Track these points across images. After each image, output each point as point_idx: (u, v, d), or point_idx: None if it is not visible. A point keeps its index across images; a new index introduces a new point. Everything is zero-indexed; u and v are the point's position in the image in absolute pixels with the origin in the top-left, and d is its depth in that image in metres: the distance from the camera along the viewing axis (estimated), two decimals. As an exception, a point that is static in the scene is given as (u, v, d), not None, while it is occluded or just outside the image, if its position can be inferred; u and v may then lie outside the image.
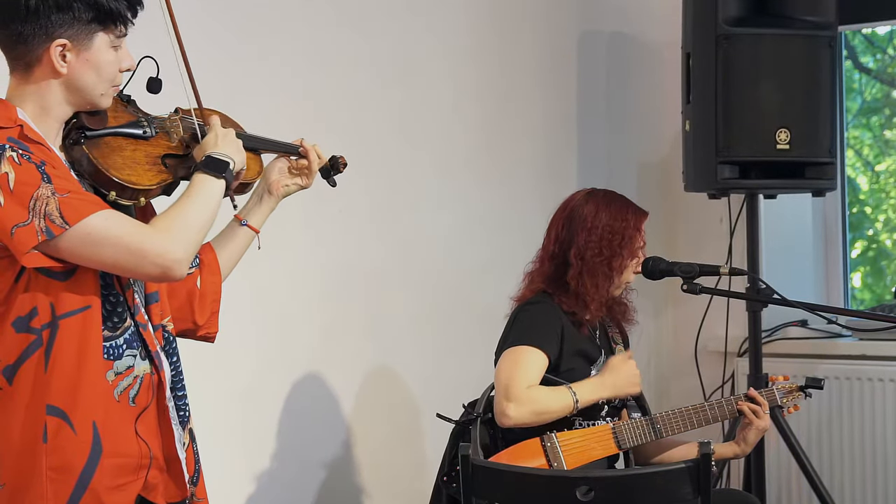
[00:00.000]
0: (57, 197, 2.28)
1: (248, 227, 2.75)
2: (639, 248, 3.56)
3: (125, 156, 2.45)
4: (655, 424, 3.47)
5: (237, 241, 2.75)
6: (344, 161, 2.86)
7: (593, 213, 3.52)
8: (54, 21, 2.36)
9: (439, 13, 4.45)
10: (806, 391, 3.62)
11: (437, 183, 4.42)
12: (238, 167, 2.54)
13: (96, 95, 2.43)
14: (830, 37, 4.28)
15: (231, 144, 2.54)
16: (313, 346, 4.06)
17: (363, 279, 4.19)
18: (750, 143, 4.25)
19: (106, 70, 2.42)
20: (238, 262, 2.77)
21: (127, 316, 2.43)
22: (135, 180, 2.43)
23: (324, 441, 4.12)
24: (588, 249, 3.49)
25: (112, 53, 2.42)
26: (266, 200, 2.77)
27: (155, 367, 2.46)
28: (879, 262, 5.23)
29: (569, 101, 4.89)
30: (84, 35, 2.38)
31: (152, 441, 2.44)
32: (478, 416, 3.42)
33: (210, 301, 2.69)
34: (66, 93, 2.41)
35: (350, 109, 4.15)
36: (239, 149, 2.56)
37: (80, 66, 2.39)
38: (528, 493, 2.97)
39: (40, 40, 2.37)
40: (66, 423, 2.32)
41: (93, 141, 2.43)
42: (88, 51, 2.39)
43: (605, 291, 3.52)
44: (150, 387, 2.45)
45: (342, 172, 2.87)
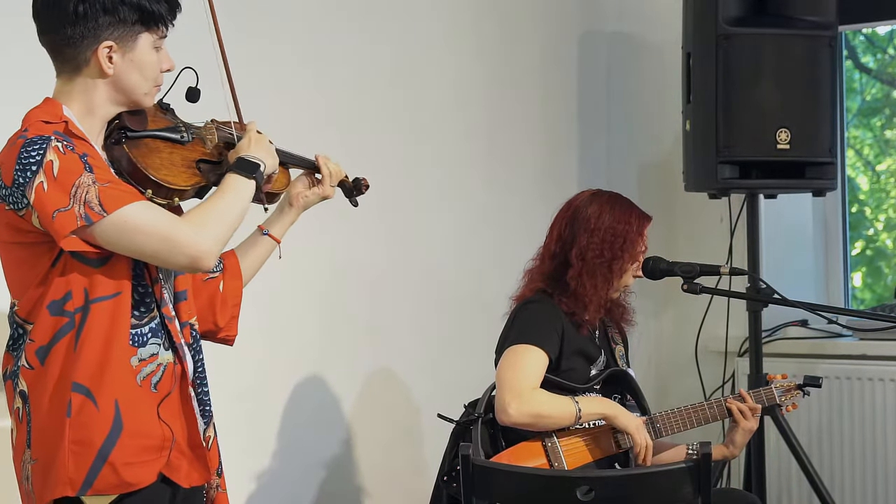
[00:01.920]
0: (98, 186, 2.39)
1: (270, 237, 2.87)
2: (640, 253, 3.54)
3: (163, 157, 2.56)
4: (655, 424, 3.47)
5: (259, 250, 2.88)
6: (366, 183, 3.00)
7: (597, 215, 3.51)
8: (101, 24, 2.48)
9: (440, 13, 4.45)
10: (804, 389, 3.62)
11: (438, 182, 4.43)
12: (269, 170, 2.66)
13: (140, 95, 2.55)
14: (830, 37, 4.28)
15: (264, 149, 2.66)
16: (314, 346, 4.06)
17: (364, 278, 4.19)
18: (750, 143, 4.25)
19: (149, 70, 2.54)
20: (258, 269, 2.90)
21: (154, 307, 2.53)
22: (171, 180, 2.54)
23: (324, 440, 4.12)
24: (589, 250, 3.48)
25: (154, 54, 2.54)
26: (287, 212, 2.89)
27: (178, 357, 2.55)
28: (877, 262, 5.23)
29: (569, 101, 4.89)
30: (129, 36, 2.50)
31: (175, 426, 2.53)
32: (478, 417, 3.41)
33: (231, 305, 2.81)
34: (112, 92, 2.53)
35: (351, 109, 4.15)
36: (271, 153, 2.67)
37: (125, 67, 2.51)
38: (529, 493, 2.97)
39: (89, 43, 2.49)
40: (89, 400, 2.43)
41: (133, 141, 2.54)
42: (133, 52, 2.51)
43: (604, 293, 3.51)
44: (173, 376, 2.54)
45: (364, 194, 3.01)
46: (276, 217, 2.89)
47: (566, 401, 3.38)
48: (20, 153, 2.40)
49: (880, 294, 5.15)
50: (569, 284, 3.50)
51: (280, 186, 2.80)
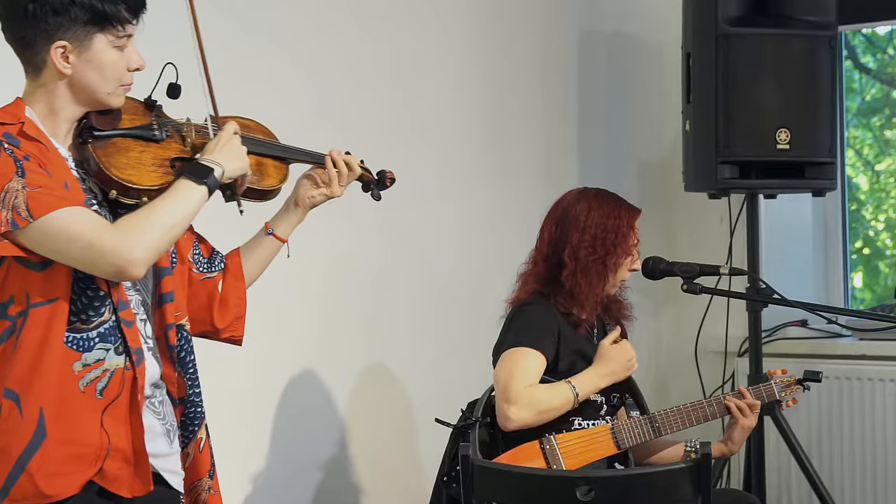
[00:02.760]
0: (27, 191, 2.34)
1: (275, 237, 2.82)
2: (633, 246, 3.55)
3: (130, 156, 2.50)
4: (654, 423, 3.46)
5: (263, 249, 2.82)
6: (392, 176, 2.94)
7: (586, 212, 3.52)
8: (52, 24, 2.43)
9: (440, 13, 4.45)
10: (804, 384, 3.62)
11: (438, 182, 4.42)
12: (232, 174, 2.57)
13: (103, 95, 2.49)
14: (830, 37, 4.28)
15: (230, 151, 2.57)
16: (312, 345, 4.06)
17: (363, 277, 4.19)
18: (750, 143, 4.25)
19: (109, 70, 2.48)
20: (264, 269, 2.84)
21: (105, 311, 2.46)
22: (135, 180, 2.48)
23: (322, 440, 4.12)
24: (582, 248, 3.49)
25: (114, 53, 2.48)
26: (293, 211, 2.84)
27: (131, 362, 2.48)
28: (874, 261, 5.23)
29: (569, 101, 4.89)
30: (83, 37, 2.45)
31: (119, 434, 2.46)
32: (476, 421, 3.41)
33: (233, 306, 2.76)
34: (72, 93, 2.48)
35: (351, 108, 4.15)
36: (237, 156, 2.58)
37: (82, 67, 2.46)
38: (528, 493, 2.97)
39: (42, 43, 2.44)
40: (16, 407, 2.39)
41: (99, 141, 2.49)
42: (89, 52, 2.46)
43: (600, 290, 3.51)
44: (122, 381, 2.47)
45: (389, 187, 2.94)
46: (281, 216, 2.83)
47: (562, 388, 3.40)
48: None
49: (880, 294, 5.15)
50: (564, 284, 3.50)
51: (272, 183, 2.72)
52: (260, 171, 2.70)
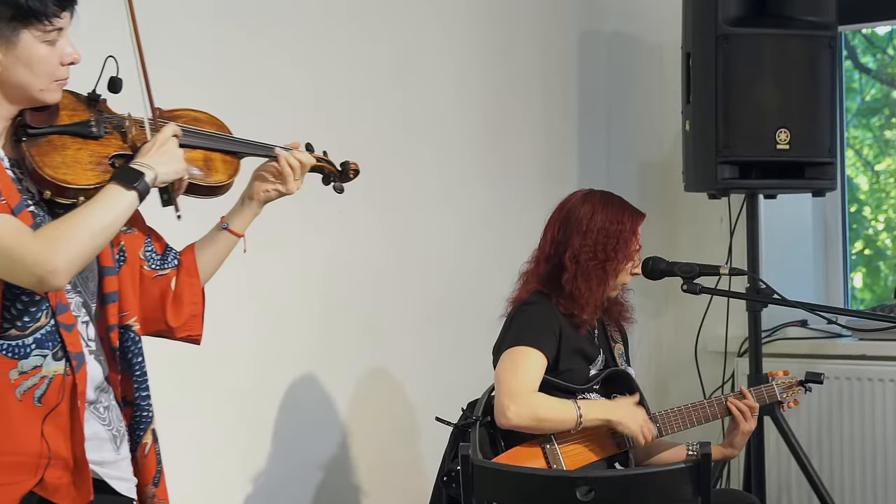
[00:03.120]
0: None
1: (230, 232, 2.71)
2: (635, 252, 3.53)
3: (66, 155, 2.42)
4: (655, 423, 3.46)
5: (219, 245, 2.72)
6: (356, 167, 2.83)
7: (589, 216, 3.51)
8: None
9: (440, 14, 4.45)
10: (806, 385, 3.62)
11: (438, 182, 4.42)
12: (166, 177, 2.46)
13: (35, 91, 2.41)
14: (830, 37, 4.28)
15: (164, 155, 2.47)
16: (312, 346, 4.06)
17: (363, 279, 4.19)
18: (750, 143, 4.25)
19: (39, 66, 2.39)
20: (220, 265, 2.74)
21: (42, 316, 2.39)
22: (70, 180, 2.40)
23: (322, 441, 4.12)
24: (583, 253, 3.48)
25: (44, 48, 2.40)
26: (248, 205, 2.73)
27: (71, 368, 2.41)
28: (875, 262, 5.23)
29: (569, 101, 4.89)
30: (8, 33, 2.37)
31: (59, 442, 2.40)
32: (477, 420, 3.40)
33: (188, 303, 2.66)
34: (3, 92, 2.40)
35: (351, 109, 4.15)
36: (172, 160, 2.48)
37: (11, 65, 2.38)
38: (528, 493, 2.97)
39: None
40: None
41: (34, 139, 2.41)
42: (17, 48, 2.38)
43: (600, 294, 3.50)
44: (61, 388, 2.40)
45: (353, 179, 2.83)
46: (236, 210, 2.72)
47: (567, 404, 3.37)
48: None
49: (880, 294, 5.15)
50: (564, 287, 3.49)
51: (221, 179, 2.61)
52: (207, 166, 2.60)
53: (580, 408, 3.37)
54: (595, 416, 3.38)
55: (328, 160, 2.82)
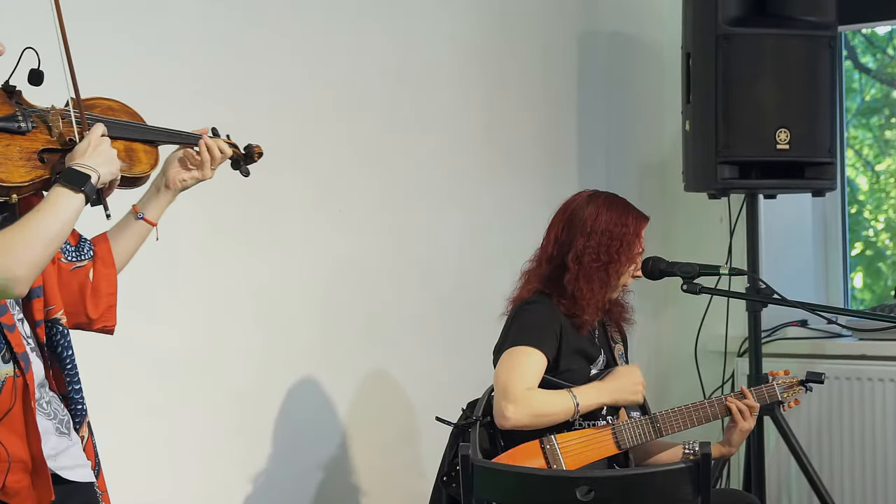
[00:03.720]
0: None
1: (145, 221, 2.67)
2: (637, 254, 3.54)
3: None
4: (655, 423, 3.46)
5: (133, 234, 2.68)
6: (259, 150, 2.78)
7: (593, 217, 3.50)
8: None
9: (440, 13, 4.45)
10: (806, 385, 3.62)
11: (437, 182, 4.42)
12: (107, 178, 2.41)
13: None
14: (830, 37, 4.28)
15: (101, 155, 2.41)
16: (313, 346, 4.06)
17: (364, 279, 4.19)
18: (750, 143, 4.24)
19: None
20: (134, 254, 2.70)
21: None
22: (4, 178, 2.32)
23: (323, 441, 4.12)
24: (586, 254, 3.48)
25: None
26: (163, 193, 2.68)
27: (20, 369, 2.37)
28: (876, 262, 5.23)
29: (569, 101, 4.89)
30: None
31: (16, 445, 2.37)
32: (476, 420, 3.40)
33: (105, 294, 2.62)
34: None
35: (351, 109, 4.15)
36: (109, 160, 2.42)
37: None
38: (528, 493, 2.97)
39: None
40: None
41: None
42: None
43: (602, 296, 3.50)
44: (13, 390, 2.36)
45: (256, 162, 2.78)
46: (151, 198, 2.68)
47: (563, 395, 3.38)
48: None
49: (880, 294, 5.14)
50: (566, 288, 3.49)
51: (144, 169, 2.55)
52: (130, 158, 2.54)
53: (576, 396, 3.38)
54: (591, 401, 3.40)
55: (235, 144, 2.77)
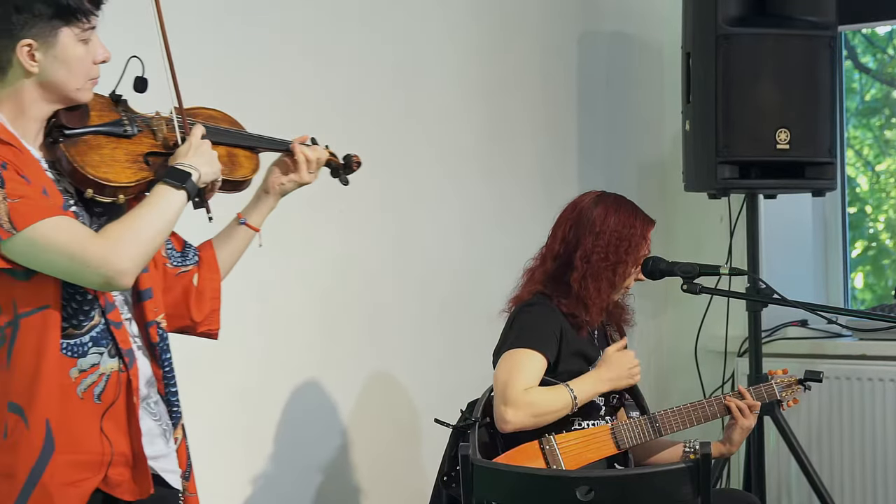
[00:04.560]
0: (8, 202, 2.31)
1: (247, 226, 2.77)
2: (643, 257, 3.55)
3: (103, 154, 2.46)
4: (655, 423, 3.46)
5: (236, 240, 2.78)
6: (358, 160, 2.92)
7: (602, 218, 3.51)
8: (16, 22, 2.38)
9: (440, 13, 4.45)
10: (805, 384, 3.62)
11: (437, 182, 4.42)
12: (207, 178, 2.53)
13: (71, 90, 2.45)
14: (830, 37, 4.28)
15: (203, 156, 2.52)
16: (314, 345, 4.06)
17: (365, 278, 4.19)
18: (750, 143, 4.25)
19: (76, 65, 2.43)
20: (237, 260, 2.80)
21: (95, 314, 2.44)
22: (111, 178, 2.44)
23: (323, 442, 4.12)
24: (594, 253, 3.48)
25: (81, 48, 2.43)
26: (264, 199, 2.80)
27: (125, 364, 2.46)
28: (877, 262, 5.23)
29: (569, 101, 4.89)
30: (48, 32, 2.40)
31: (119, 438, 2.45)
32: (476, 421, 3.40)
33: (209, 298, 2.72)
34: (41, 91, 2.43)
35: (351, 108, 4.15)
36: (210, 161, 2.54)
37: (50, 64, 2.41)
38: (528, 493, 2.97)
39: (6, 43, 2.40)
40: (21, 420, 2.36)
41: (71, 140, 2.45)
42: (55, 48, 2.41)
43: (606, 296, 3.51)
44: (118, 384, 2.45)
45: (355, 171, 2.92)
46: (253, 205, 2.79)
47: (560, 391, 3.39)
48: None
49: (881, 294, 5.15)
50: (571, 287, 3.49)
51: (245, 174, 2.69)
52: (232, 162, 2.67)
53: (573, 390, 3.39)
54: (588, 393, 3.41)
55: (333, 153, 2.91)
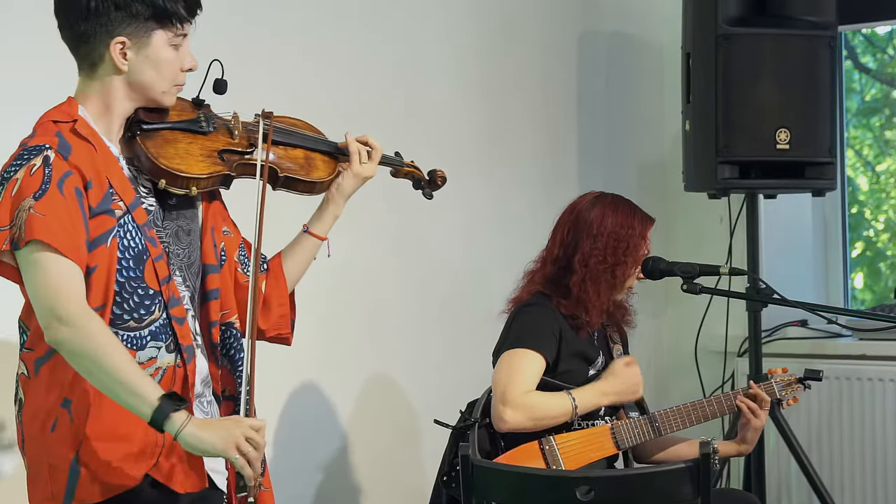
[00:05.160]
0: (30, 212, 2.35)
1: (310, 234, 2.83)
2: (643, 256, 3.54)
3: (179, 147, 2.56)
4: (655, 422, 3.46)
5: (302, 249, 2.84)
6: (443, 175, 3.07)
7: (599, 220, 3.50)
8: (113, 19, 2.46)
9: (440, 13, 4.45)
10: (805, 383, 3.62)
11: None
12: (183, 446, 2.40)
13: (158, 93, 2.53)
14: (830, 37, 4.28)
15: (219, 431, 2.41)
16: (313, 346, 4.05)
17: (363, 279, 4.19)
18: (750, 143, 4.25)
19: (165, 68, 2.52)
20: (305, 269, 2.87)
21: (156, 308, 2.49)
22: (184, 169, 2.53)
23: (323, 442, 4.12)
24: (592, 256, 3.47)
25: (171, 52, 2.52)
26: (324, 206, 2.85)
27: (182, 360, 2.51)
28: (877, 263, 5.23)
29: (569, 101, 4.89)
30: (143, 33, 2.48)
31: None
32: (475, 422, 3.40)
33: (276, 305, 2.78)
34: (127, 90, 2.51)
35: (352, 109, 4.14)
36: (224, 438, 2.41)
37: (139, 63, 2.49)
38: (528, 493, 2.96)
39: (101, 39, 2.47)
40: (67, 413, 2.42)
41: (148, 134, 2.54)
42: (147, 48, 2.49)
43: (607, 298, 3.50)
44: (173, 378, 2.50)
45: (441, 187, 3.06)
46: (316, 213, 2.85)
47: (561, 397, 3.38)
48: (13, 160, 2.42)
49: (880, 294, 5.15)
50: (571, 289, 3.48)
51: (321, 176, 2.79)
52: (308, 164, 2.77)
53: (574, 398, 3.38)
54: (589, 403, 3.40)
55: (417, 167, 3.06)
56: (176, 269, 2.54)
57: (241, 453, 2.41)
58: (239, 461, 2.41)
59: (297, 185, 2.76)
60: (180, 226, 2.59)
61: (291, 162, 2.76)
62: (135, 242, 2.47)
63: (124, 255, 2.45)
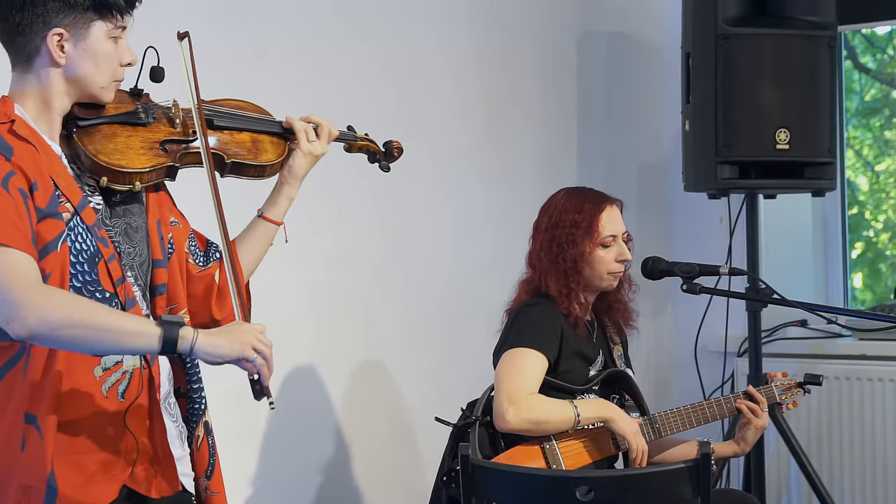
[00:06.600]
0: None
1: (265, 219, 2.73)
2: (607, 237, 3.50)
3: (118, 142, 2.46)
4: (654, 424, 3.46)
5: (258, 235, 2.74)
6: (399, 146, 2.93)
7: (549, 214, 3.53)
8: (50, 9, 2.36)
9: (440, 12, 4.45)
10: (804, 387, 3.62)
11: (437, 182, 4.42)
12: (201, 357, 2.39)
13: (96, 88, 2.43)
14: (830, 37, 4.28)
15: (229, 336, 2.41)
16: (311, 346, 4.06)
17: (361, 277, 4.19)
18: (750, 143, 4.25)
19: (104, 61, 2.42)
20: (261, 256, 2.76)
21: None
22: (125, 164, 2.44)
23: (322, 442, 4.12)
24: (543, 250, 3.50)
25: (111, 45, 2.42)
26: (279, 189, 2.75)
27: (146, 361, 2.44)
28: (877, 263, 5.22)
29: (569, 101, 4.89)
30: (81, 24, 2.38)
31: (142, 435, 2.44)
32: (476, 420, 3.40)
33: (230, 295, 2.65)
34: (65, 84, 2.41)
35: (351, 107, 4.13)
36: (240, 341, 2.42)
37: (78, 57, 2.39)
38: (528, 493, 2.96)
39: (38, 29, 2.37)
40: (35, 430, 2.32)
41: (84, 130, 2.45)
42: (86, 40, 2.39)
43: (576, 284, 3.48)
44: (140, 381, 2.43)
45: (397, 159, 2.92)
46: (270, 197, 2.74)
47: (564, 405, 3.37)
48: None
49: (880, 295, 5.14)
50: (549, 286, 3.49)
51: (270, 158, 2.67)
52: (256, 148, 2.67)
53: (577, 407, 3.37)
54: (592, 414, 3.38)
55: (372, 139, 2.91)
56: (127, 268, 2.44)
57: (257, 352, 2.39)
58: (258, 360, 2.40)
59: (246, 170, 2.64)
60: (128, 223, 2.49)
61: (238, 147, 2.65)
62: (86, 245, 2.37)
63: (77, 259, 2.36)
